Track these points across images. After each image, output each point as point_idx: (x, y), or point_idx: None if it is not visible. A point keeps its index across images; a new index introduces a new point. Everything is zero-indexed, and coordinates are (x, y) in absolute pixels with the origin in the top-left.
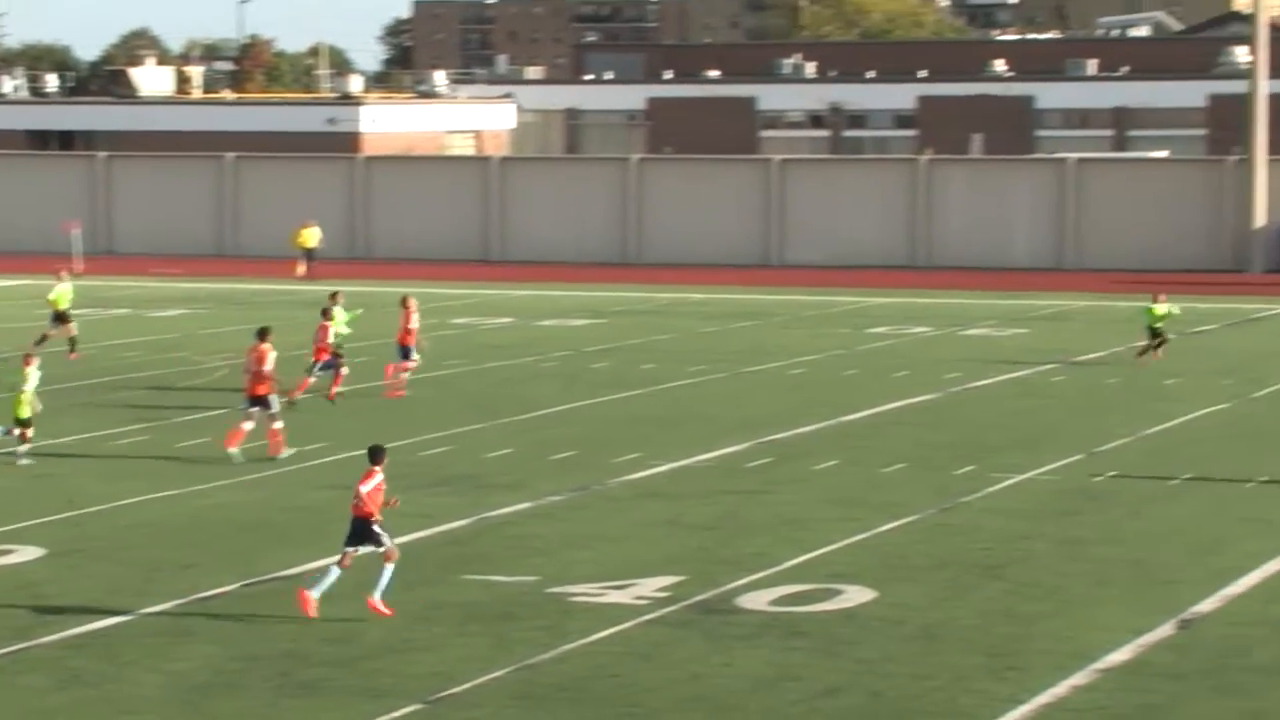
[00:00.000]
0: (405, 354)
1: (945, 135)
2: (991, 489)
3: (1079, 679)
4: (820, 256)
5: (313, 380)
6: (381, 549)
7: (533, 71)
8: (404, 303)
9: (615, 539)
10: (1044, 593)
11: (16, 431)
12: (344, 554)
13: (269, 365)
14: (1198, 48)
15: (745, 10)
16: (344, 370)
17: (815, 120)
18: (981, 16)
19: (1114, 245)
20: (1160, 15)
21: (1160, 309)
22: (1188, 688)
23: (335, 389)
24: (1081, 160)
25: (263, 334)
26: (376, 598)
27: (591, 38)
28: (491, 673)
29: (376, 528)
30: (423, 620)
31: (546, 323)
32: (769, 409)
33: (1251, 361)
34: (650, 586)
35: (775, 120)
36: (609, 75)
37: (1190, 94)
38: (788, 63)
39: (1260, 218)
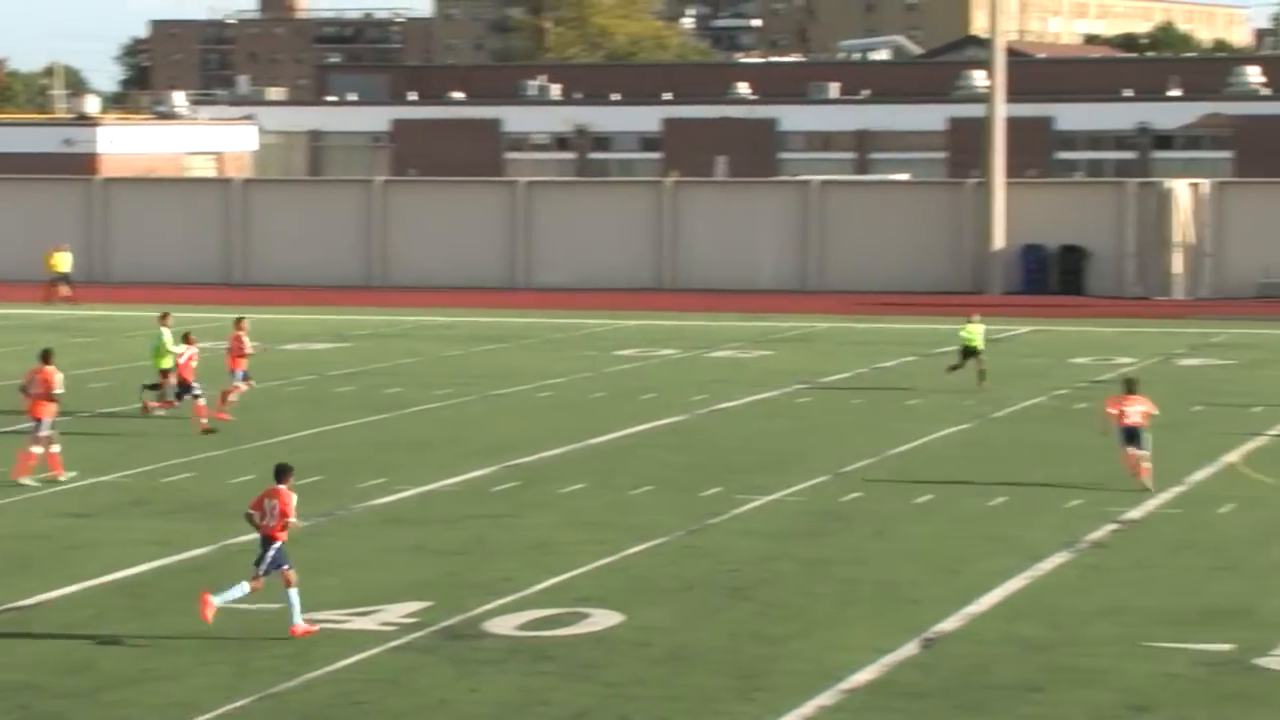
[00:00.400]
0: (240, 376)
1: (690, 157)
2: (739, 510)
3: (825, 699)
4: (567, 279)
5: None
6: (282, 571)
7: (275, 92)
8: (237, 324)
9: (361, 565)
10: (791, 614)
11: None
12: (256, 575)
13: (59, 388)
14: (937, 71)
15: (490, 32)
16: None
17: (561, 142)
18: (725, 39)
19: (857, 267)
20: (900, 39)
21: (973, 329)
22: (931, 706)
23: (158, 408)
24: (825, 183)
25: (45, 356)
26: (297, 621)
27: (334, 59)
28: (235, 702)
29: (281, 550)
30: (164, 649)
31: (290, 346)
32: (516, 432)
33: (991, 382)
34: (397, 612)
35: (521, 142)
36: (352, 97)
37: (930, 117)
38: (533, 84)
39: (999, 240)
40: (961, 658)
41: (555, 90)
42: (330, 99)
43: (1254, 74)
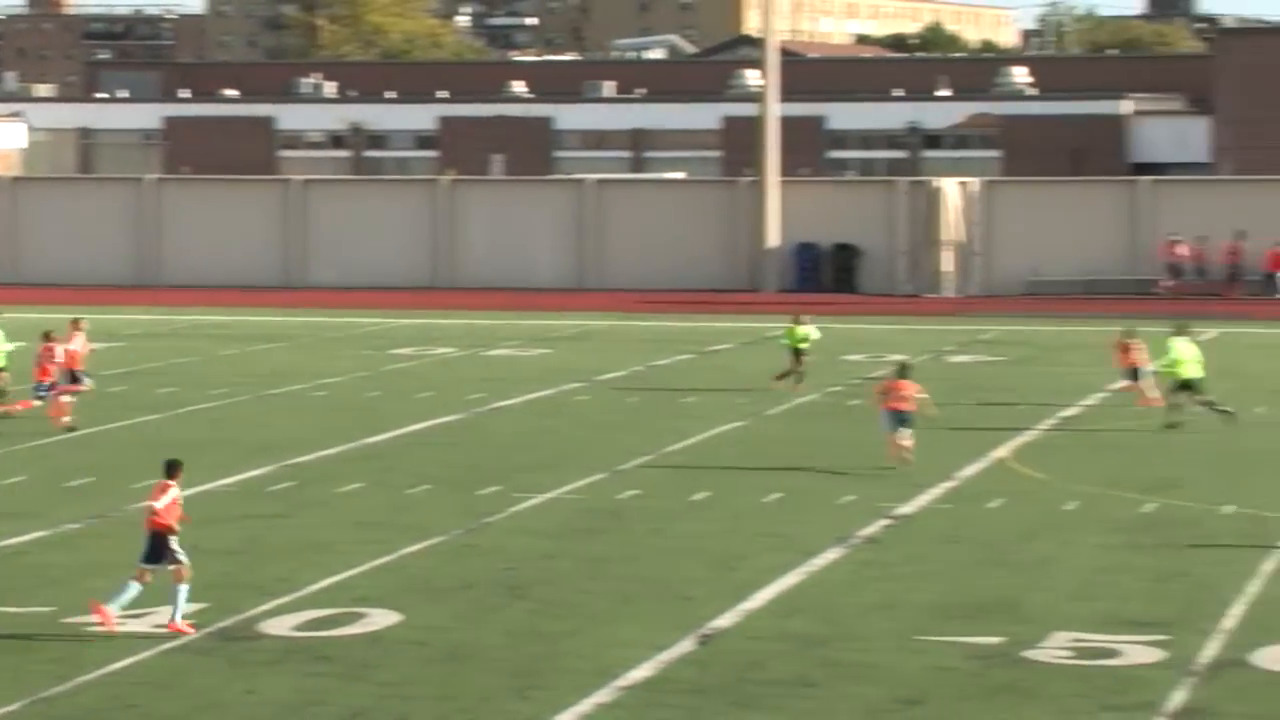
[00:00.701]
0: (73, 378)
1: (466, 156)
2: (516, 509)
3: (602, 696)
4: (343, 278)
5: (36, 403)
6: (173, 566)
7: (43, 89)
8: (75, 324)
9: (133, 567)
10: (568, 611)
11: None
12: (141, 570)
13: None
14: (711, 71)
15: (263, 29)
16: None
17: (336, 140)
18: (501, 38)
19: (634, 265)
20: (674, 39)
21: (802, 331)
22: (707, 702)
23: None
24: (600, 181)
25: None
26: (177, 619)
27: (104, 55)
28: (4, 707)
29: (174, 543)
30: None
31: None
32: (292, 432)
33: (766, 378)
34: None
35: (295, 140)
36: (123, 94)
37: (705, 116)
38: (307, 82)
39: (773, 238)
40: (737, 654)
41: (330, 88)
42: (100, 96)
43: (1020, 74)
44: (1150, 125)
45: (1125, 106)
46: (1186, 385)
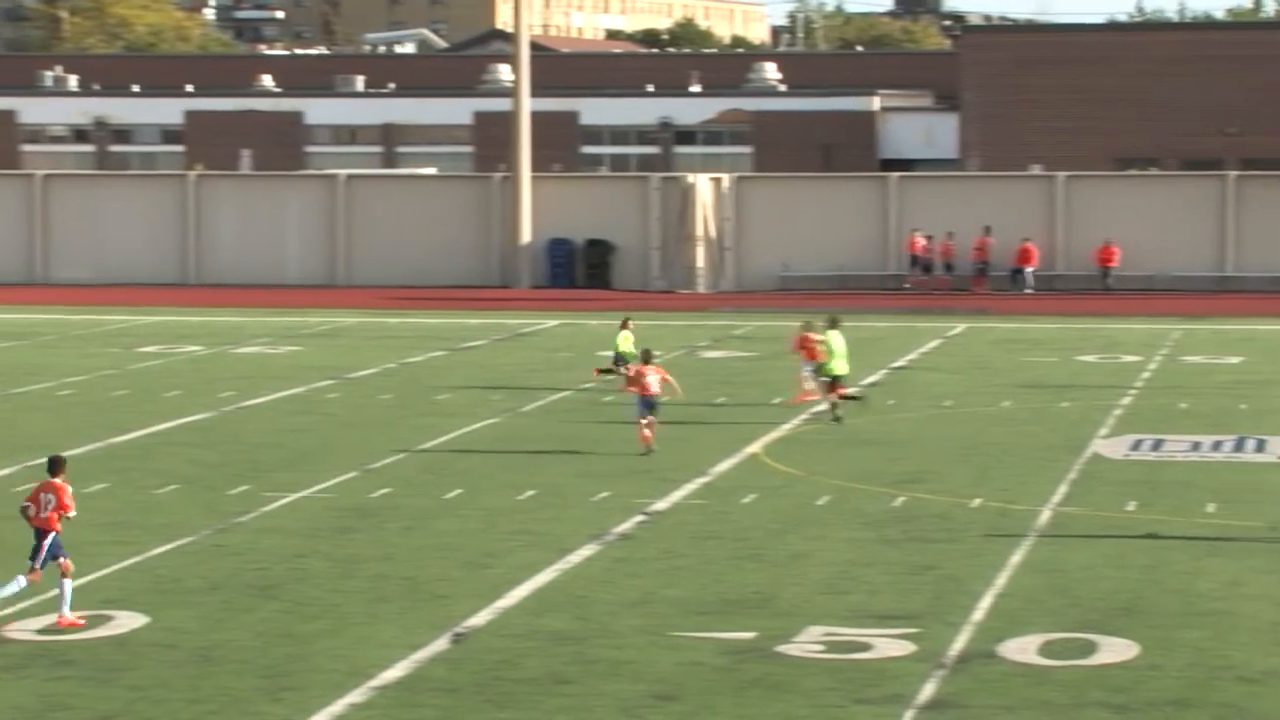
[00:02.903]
0: None
1: (215, 151)
2: (267, 508)
3: (355, 697)
4: (88, 274)
5: None
6: (55, 562)
7: None
8: None
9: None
10: (320, 611)
11: None
12: (32, 568)
13: None
14: (462, 65)
15: (4, 21)
16: None
17: (80, 135)
18: (249, 31)
19: (385, 261)
20: (425, 32)
21: (629, 336)
22: (461, 701)
23: None
24: (351, 176)
25: None
26: (66, 612)
27: None
28: None
29: (56, 541)
30: None
31: None
32: (36, 431)
33: (520, 375)
34: None
35: (37, 134)
36: None
37: (457, 111)
38: (49, 75)
39: (525, 234)
40: (491, 652)
41: (72, 81)
42: None
43: (771, 70)
44: (899, 122)
45: (874, 103)
46: (835, 380)
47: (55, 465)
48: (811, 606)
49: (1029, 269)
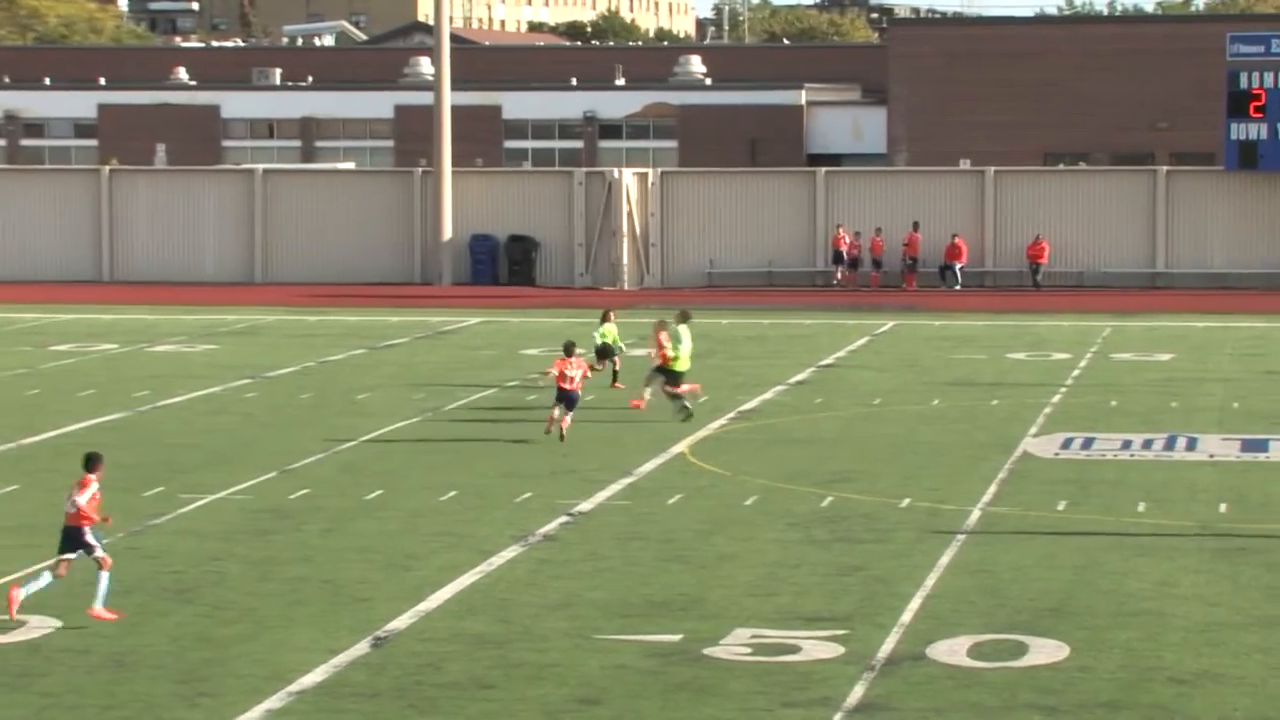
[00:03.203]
0: None
1: (129, 145)
2: (182, 510)
3: (273, 702)
4: None
5: None
6: (94, 556)
7: None
8: None
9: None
10: (238, 615)
11: None
12: (59, 561)
13: None
14: (383, 58)
15: None
16: None
17: None
18: (163, 23)
19: (304, 258)
20: (344, 24)
21: (608, 328)
22: (381, 706)
23: None
24: (269, 171)
25: None
26: (98, 607)
27: None
28: None
29: (89, 536)
30: None
31: None
32: None
33: (442, 374)
34: None
35: None
36: None
37: (377, 104)
38: None
39: (447, 230)
40: (413, 656)
41: None
42: None
43: (697, 64)
44: (826, 116)
45: (802, 97)
46: (672, 375)
47: (91, 462)
48: (739, 608)
49: (958, 265)
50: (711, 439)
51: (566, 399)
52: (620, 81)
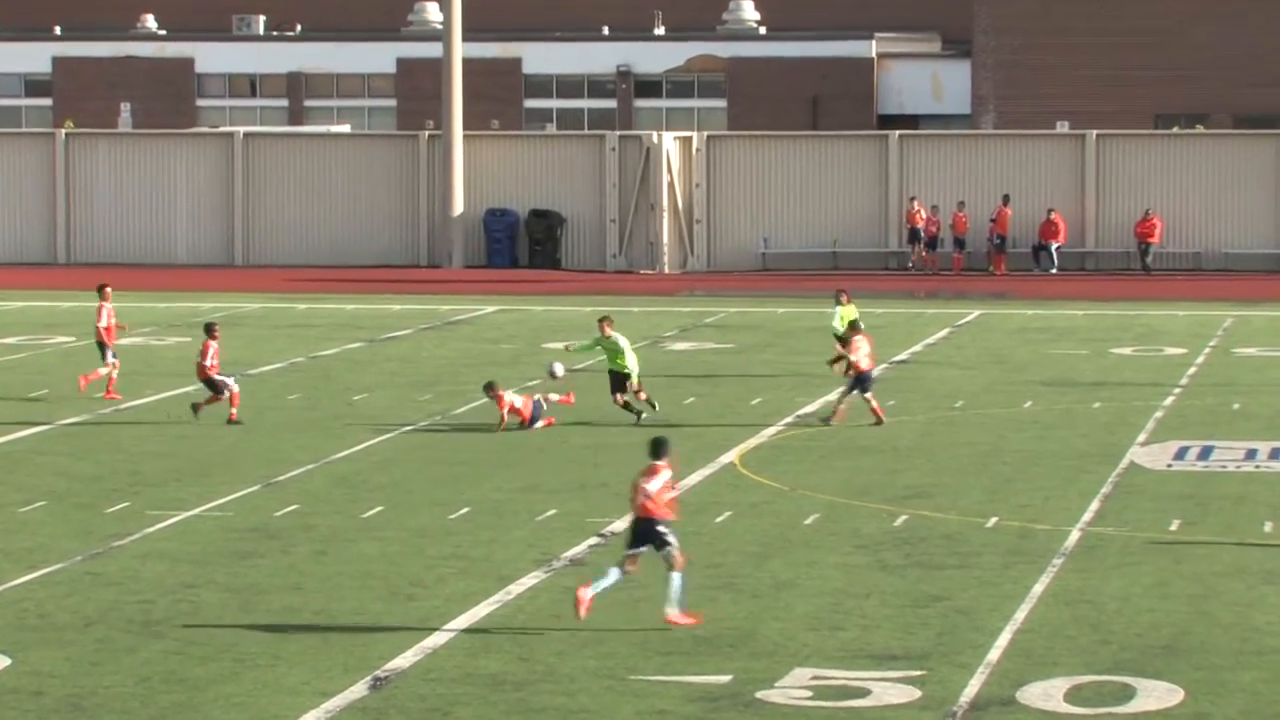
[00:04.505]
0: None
1: (88, 105)
2: (151, 529)
3: None
4: None
5: None
6: (665, 554)
7: None
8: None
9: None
10: (215, 651)
11: None
12: (627, 557)
13: None
14: (383, 4)
15: None
16: None
17: None
18: None
19: (292, 237)
20: None
21: (849, 311)
22: None
23: None
24: (251, 135)
25: None
26: (673, 611)
27: None
28: None
29: (663, 529)
30: None
31: None
32: None
33: (453, 371)
34: None
35: None
36: None
37: (376, 58)
38: None
39: (458, 204)
40: (418, 700)
41: None
42: None
43: (749, 9)
44: (901, 70)
45: (872, 48)
46: (621, 379)
47: (659, 449)
48: (797, 645)
49: (1054, 245)
50: (766, 447)
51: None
52: (660, 30)
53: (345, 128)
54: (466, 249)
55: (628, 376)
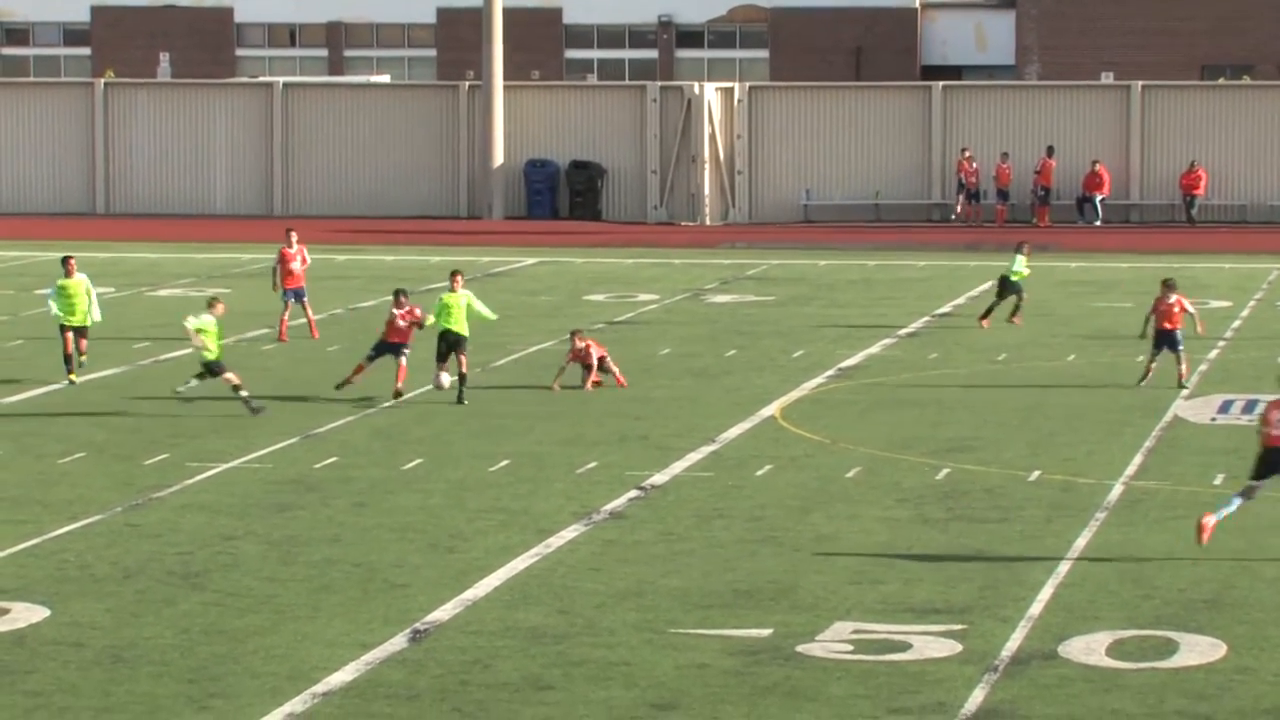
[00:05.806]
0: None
1: (127, 54)
2: (190, 481)
3: (295, 705)
4: None
5: None
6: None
7: None
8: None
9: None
10: (255, 604)
11: None
12: (1249, 487)
13: None
14: None
15: None
16: None
17: None
18: None
19: (331, 188)
20: None
21: (1023, 263)
22: (421, 709)
23: None
24: (290, 85)
25: None
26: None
27: None
28: None
29: None
30: None
31: None
32: None
33: (494, 326)
34: None
35: None
36: None
37: (417, 7)
38: None
39: (498, 155)
40: (458, 652)
41: None
42: None
43: None
44: (944, 20)
45: None
46: (454, 341)
47: None
48: (838, 599)
49: (1099, 197)
50: (807, 400)
51: (393, 350)
52: None
53: (385, 78)
54: (507, 200)
55: (460, 340)
